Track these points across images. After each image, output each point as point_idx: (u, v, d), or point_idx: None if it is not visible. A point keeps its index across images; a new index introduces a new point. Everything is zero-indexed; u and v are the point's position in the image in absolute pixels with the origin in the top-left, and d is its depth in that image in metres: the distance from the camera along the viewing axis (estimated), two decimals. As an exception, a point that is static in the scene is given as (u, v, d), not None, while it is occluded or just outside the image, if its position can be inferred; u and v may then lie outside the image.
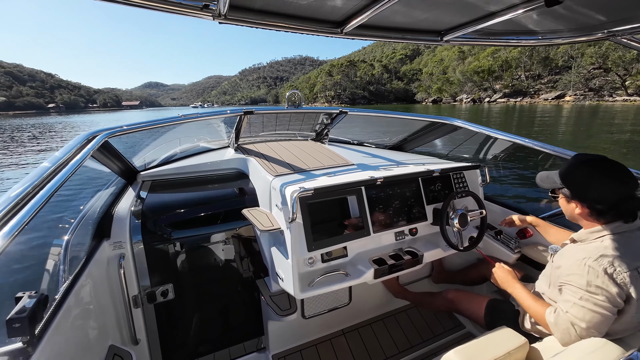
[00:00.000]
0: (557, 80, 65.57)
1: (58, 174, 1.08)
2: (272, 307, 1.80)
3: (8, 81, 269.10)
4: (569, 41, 1.54)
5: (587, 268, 1.17)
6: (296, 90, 2.29)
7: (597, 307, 1.13)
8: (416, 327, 2.29)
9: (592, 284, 1.14)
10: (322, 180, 1.71)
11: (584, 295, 1.16)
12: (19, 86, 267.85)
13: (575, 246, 1.33)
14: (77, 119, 76.80)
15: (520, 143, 2.10)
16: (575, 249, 1.30)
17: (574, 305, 1.17)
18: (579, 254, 1.23)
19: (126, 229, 1.71)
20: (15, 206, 0.88)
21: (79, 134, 1.47)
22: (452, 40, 1.57)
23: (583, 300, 1.15)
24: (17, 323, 0.85)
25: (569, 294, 1.21)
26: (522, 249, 1.96)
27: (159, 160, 2.42)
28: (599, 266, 1.15)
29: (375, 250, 1.76)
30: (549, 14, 1.31)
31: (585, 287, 1.16)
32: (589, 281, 1.15)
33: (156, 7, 1.01)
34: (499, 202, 2.24)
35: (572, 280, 1.21)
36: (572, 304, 1.18)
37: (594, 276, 1.14)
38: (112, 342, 1.51)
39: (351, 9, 1.23)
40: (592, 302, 1.14)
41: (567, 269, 1.26)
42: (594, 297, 1.14)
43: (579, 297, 1.17)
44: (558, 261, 1.36)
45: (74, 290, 1.26)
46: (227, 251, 1.98)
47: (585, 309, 1.14)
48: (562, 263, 1.31)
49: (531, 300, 1.37)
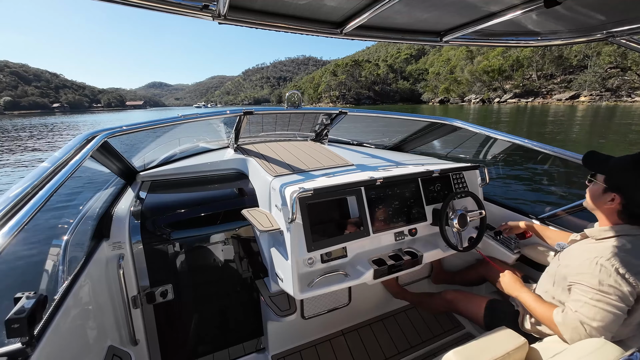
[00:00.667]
0: (570, 80, 63.90)
1: (57, 174, 1.08)
2: (272, 308, 1.80)
3: (14, 81, 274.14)
4: (568, 42, 1.55)
5: (599, 267, 1.16)
6: (296, 91, 2.29)
7: (609, 307, 1.12)
8: (415, 327, 2.29)
9: (605, 283, 1.13)
10: (322, 180, 1.71)
11: (595, 295, 1.14)
12: (24, 86, 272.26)
13: (585, 244, 1.32)
14: (79, 119, 76.47)
15: (519, 143, 2.11)
16: (584, 248, 1.29)
17: (584, 304, 1.16)
18: (589, 252, 1.22)
19: (125, 229, 1.71)
20: (15, 206, 0.87)
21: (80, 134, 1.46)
22: (451, 41, 1.57)
23: (594, 300, 1.14)
24: (16, 324, 0.85)
25: (579, 294, 1.19)
26: (521, 250, 1.97)
27: (158, 161, 2.42)
28: (611, 265, 1.14)
29: (374, 250, 1.75)
30: (548, 15, 1.31)
31: (597, 287, 1.14)
32: (601, 280, 1.14)
33: (155, 7, 1.01)
34: (498, 203, 2.24)
35: (582, 279, 1.20)
36: (582, 303, 1.17)
37: (606, 275, 1.13)
38: (111, 343, 1.50)
39: (351, 10, 1.23)
40: (605, 302, 1.13)
41: (576, 267, 1.24)
42: (607, 297, 1.13)
43: (589, 296, 1.16)
44: (565, 259, 1.35)
45: (73, 291, 1.25)
46: (226, 251, 1.98)
47: (596, 308, 1.13)
48: (571, 262, 1.29)
49: (538, 304, 1.36)
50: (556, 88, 66.22)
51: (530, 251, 1.94)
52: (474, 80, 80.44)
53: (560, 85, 66.23)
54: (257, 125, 2.82)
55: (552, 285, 1.41)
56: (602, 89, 56.35)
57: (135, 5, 0.98)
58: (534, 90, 68.84)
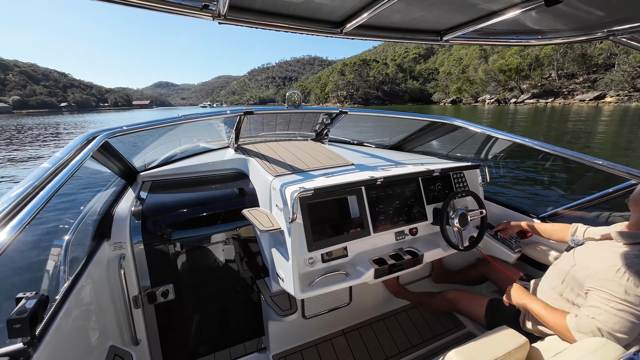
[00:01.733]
0: (595, 80, 59.79)
1: (58, 175, 1.08)
2: (273, 307, 1.80)
3: (22, 80, 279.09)
4: (569, 40, 1.54)
5: (626, 276, 1.11)
6: (296, 90, 2.29)
7: (632, 317, 1.08)
8: (416, 327, 2.29)
9: (632, 293, 1.09)
10: (322, 180, 1.71)
11: (618, 305, 1.10)
12: (33, 85, 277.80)
13: (609, 246, 1.25)
14: (86, 118, 75.83)
15: (520, 142, 2.10)
16: (609, 250, 1.23)
17: (604, 312, 1.12)
18: (615, 258, 1.17)
19: (126, 229, 1.71)
20: (16, 207, 0.88)
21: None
22: (451, 40, 1.57)
23: (616, 309, 1.10)
24: (18, 324, 0.85)
25: (599, 300, 1.15)
26: (522, 249, 1.96)
27: (159, 161, 2.42)
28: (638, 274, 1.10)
29: (375, 250, 1.75)
30: (549, 14, 1.31)
31: (622, 296, 1.10)
32: (627, 289, 1.10)
33: (155, 7, 1.01)
34: (499, 202, 2.24)
35: (605, 286, 1.15)
36: (602, 310, 1.13)
37: (633, 284, 1.10)
38: (113, 343, 1.51)
39: (351, 9, 1.23)
40: (629, 312, 1.09)
41: (598, 272, 1.19)
42: (632, 307, 1.09)
43: (611, 305, 1.11)
44: (584, 260, 1.29)
45: (75, 291, 1.26)
46: (227, 251, 1.98)
47: (617, 317, 1.09)
48: (591, 264, 1.24)
49: (548, 312, 1.32)
50: (578, 88, 62.70)
51: (531, 250, 1.93)
52: (489, 79, 77.39)
53: (582, 85, 62.78)
54: (257, 125, 2.82)
55: (561, 282, 1.36)
56: (631, 88, 52.89)
57: (135, 5, 0.98)
58: (554, 90, 65.63)
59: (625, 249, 1.19)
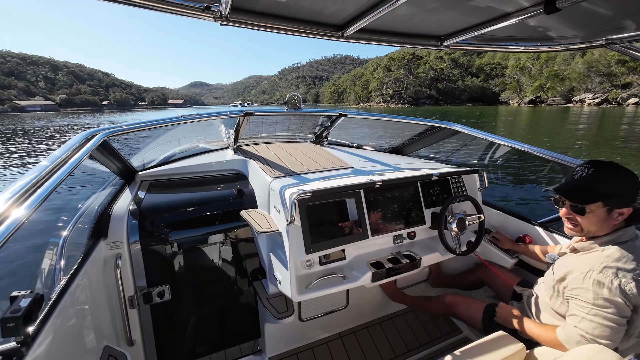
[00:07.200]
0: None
1: (56, 173, 1.07)
2: (269, 310, 1.79)
3: (70, 80, 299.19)
4: (568, 48, 1.56)
5: (592, 281, 1.15)
6: (296, 92, 2.30)
7: (606, 320, 1.11)
8: (413, 331, 2.28)
9: (599, 297, 1.13)
10: (321, 182, 1.71)
11: (591, 310, 1.14)
12: (79, 84, 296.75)
13: (576, 257, 1.31)
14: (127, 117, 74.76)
15: (518, 148, 2.11)
16: (577, 260, 1.28)
17: (582, 319, 1.16)
18: (582, 266, 1.21)
19: (123, 228, 1.70)
20: (13, 204, 0.87)
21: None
22: (452, 45, 1.58)
23: (591, 314, 1.14)
24: (12, 322, 0.85)
25: (576, 308, 1.20)
26: (520, 255, 1.97)
27: (157, 161, 2.41)
28: (604, 278, 1.13)
29: (373, 253, 1.75)
30: (548, 21, 1.32)
31: (592, 301, 1.14)
32: (595, 295, 1.14)
33: (157, 7, 1.01)
34: (497, 207, 2.24)
35: (578, 294, 1.20)
36: (580, 318, 1.17)
37: (599, 289, 1.13)
38: (107, 343, 1.49)
39: (352, 13, 1.24)
40: (601, 316, 1.12)
41: (571, 282, 1.24)
42: (602, 310, 1.12)
43: (586, 311, 1.16)
44: (560, 272, 1.34)
45: (70, 290, 1.25)
46: (224, 252, 1.97)
47: (594, 323, 1.13)
48: (567, 276, 1.28)
49: (540, 330, 1.36)
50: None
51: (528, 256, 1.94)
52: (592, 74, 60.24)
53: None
54: (257, 127, 2.82)
55: (550, 298, 1.41)
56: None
57: (138, 5, 0.99)
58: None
59: (589, 256, 1.24)
